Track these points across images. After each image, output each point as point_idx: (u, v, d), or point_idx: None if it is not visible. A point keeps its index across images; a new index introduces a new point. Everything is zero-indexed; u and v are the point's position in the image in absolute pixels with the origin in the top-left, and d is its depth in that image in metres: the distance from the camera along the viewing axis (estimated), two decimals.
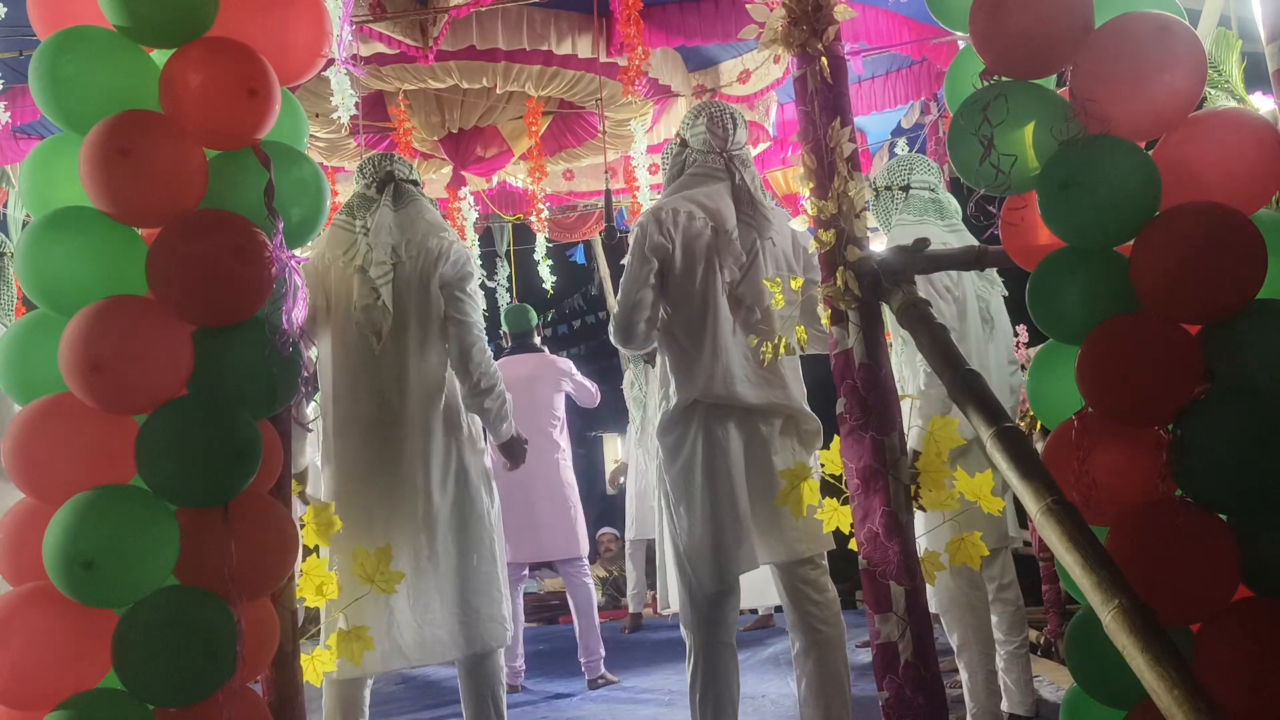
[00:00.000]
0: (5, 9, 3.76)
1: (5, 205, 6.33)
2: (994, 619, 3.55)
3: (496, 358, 5.23)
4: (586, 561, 5.32)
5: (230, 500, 1.90)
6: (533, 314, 5.65)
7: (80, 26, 1.94)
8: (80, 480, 1.83)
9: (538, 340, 5.68)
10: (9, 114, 3.74)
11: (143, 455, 1.85)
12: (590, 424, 7.43)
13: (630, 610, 7.06)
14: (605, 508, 7.42)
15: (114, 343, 1.80)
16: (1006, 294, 3.65)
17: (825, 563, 3.03)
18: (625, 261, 3.07)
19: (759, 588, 3.65)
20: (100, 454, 1.85)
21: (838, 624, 2.97)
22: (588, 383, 5.68)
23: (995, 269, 3.53)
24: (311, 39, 2.12)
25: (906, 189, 3.62)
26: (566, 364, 5.58)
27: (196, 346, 1.91)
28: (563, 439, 5.39)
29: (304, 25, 2.10)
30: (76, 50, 1.92)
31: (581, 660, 5.18)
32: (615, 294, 10.00)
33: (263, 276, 1.94)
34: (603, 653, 5.20)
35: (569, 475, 5.37)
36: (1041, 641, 4.91)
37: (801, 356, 3.13)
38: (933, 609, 3.24)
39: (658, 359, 3.14)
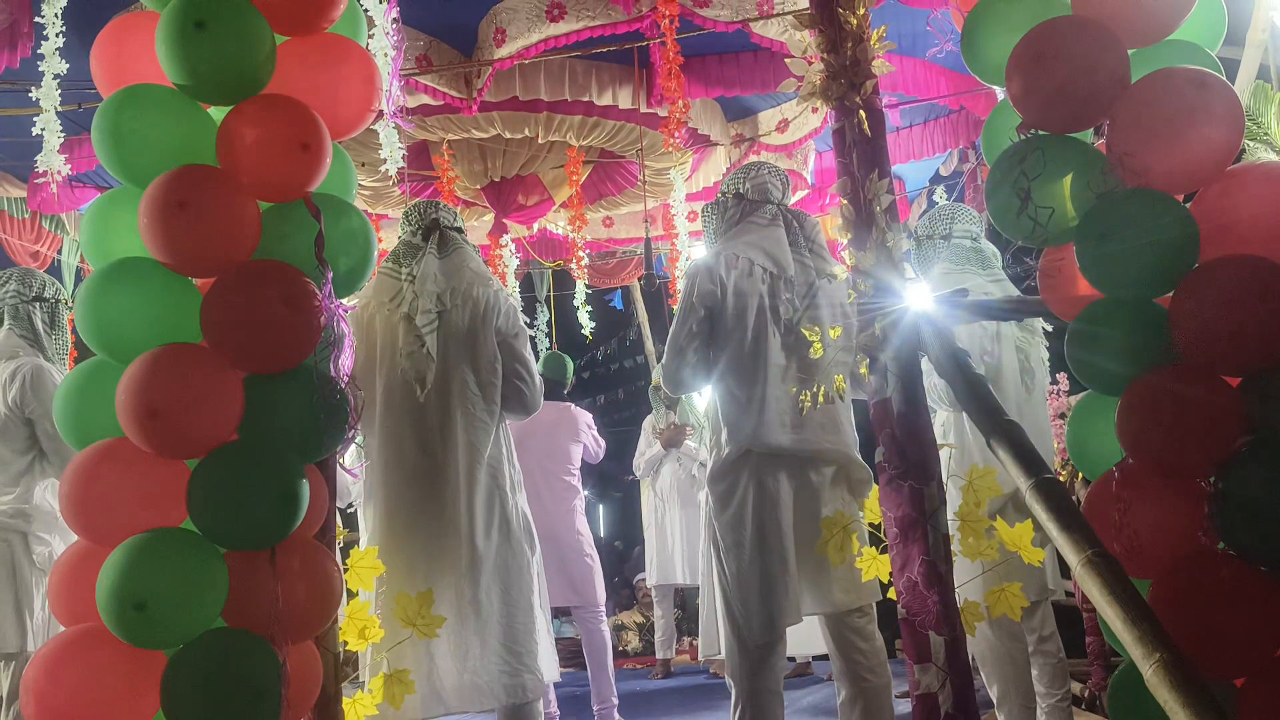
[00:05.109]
0: (67, 64, 3.89)
1: (60, 252, 6.51)
2: (1035, 671, 3.50)
3: None
4: (603, 609, 5.31)
5: (277, 544, 1.94)
6: (570, 366, 5.70)
7: (142, 85, 2.02)
8: (134, 523, 1.87)
9: (565, 390, 5.72)
10: (69, 165, 3.86)
11: (194, 499, 1.90)
12: (628, 468, 7.44)
13: (659, 657, 7.02)
14: (643, 554, 7.41)
15: (170, 389, 1.85)
16: (1049, 345, 3.63)
17: (873, 611, 3.01)
18: (676, 314, 3.11)
19: (802, 636, 3.62)
20: (153, 498, 1.90)
21: (884, 672, 2.95)
22: (601, 441, 5.75)
23: (1039, 320, 3.51)
24: (363, 94, 2.18)
25: (948, 237, 3.62)
26: (586, 416, 5.65)
27: (247, 393, 1.96)
28: (578, 485, 5.44)
29: (356, 81, 2.17)
30: (138, 107, 2.00)
31: (595, 708, 5.14)
32: (653, 339, 10.07)
33: (312, 325, 1.99)
34: (615, 700, 5.17)
35: (583, 523, 5.40)
36: (1085, 694, 4.82)
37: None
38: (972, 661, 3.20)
39: (708, 405, 3.16)
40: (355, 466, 3.12)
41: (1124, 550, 1.75)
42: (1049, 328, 3.54)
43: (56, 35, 3.88)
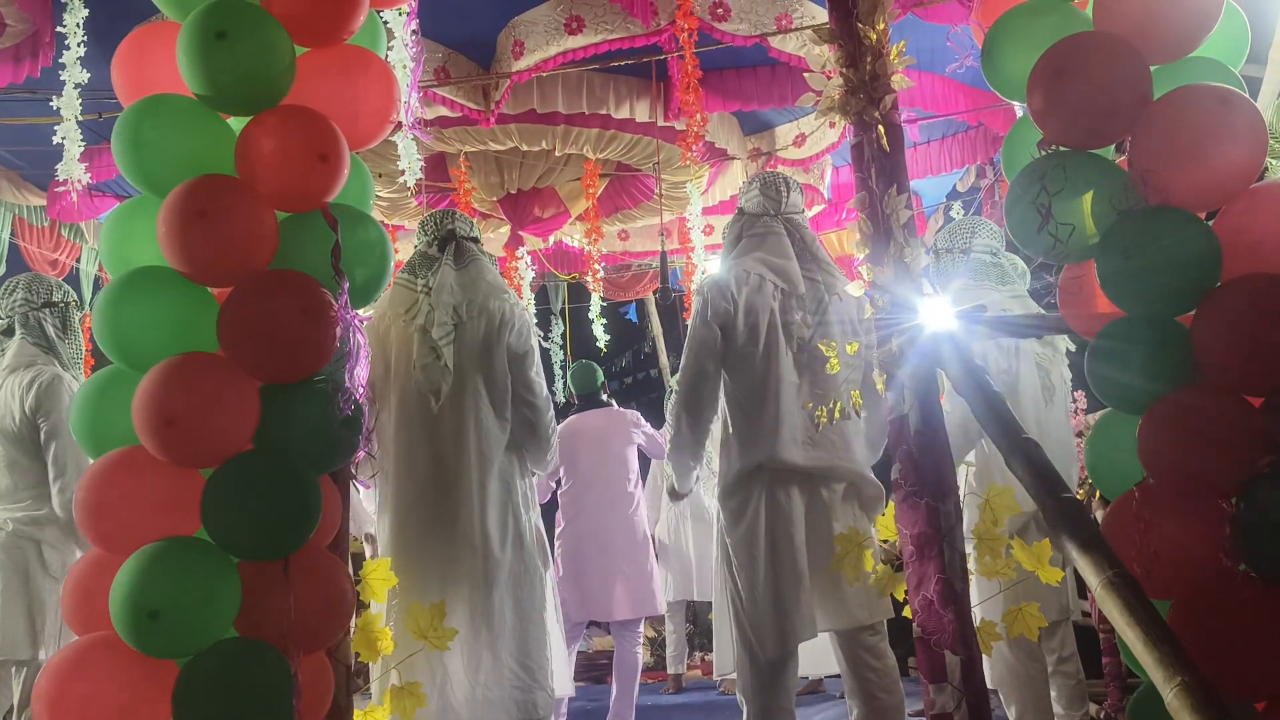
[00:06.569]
0: (88, 74, 3.92)
1: (79, 260, 6.55)
2: (1053, 692, 3.47)
3: (564, 414, 5.19)
4: (643, 626, 5.22)
5: (291, 554, 1.93)
6: (599, 372, 5.63)
7: (162, 94, 2.03)
8: (148, 532, 1.87)
9: (604, 396, 5.64)
10: (89, 174, 3.88)
11: (208, 508, 1.89)
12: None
13: (670, 672, 6.96)
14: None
15: (186, 398, 1.86)
16: (1069, 363, 3.60)
17: (884, 629, 2.99)
18: (688, 331, 3.10)
19: (815, 655, 3.59)
20: (168, 506, 1.90)
21: (896, 691, 2.93)
22: (656, 434, 5.62)
23: (1064, 338, 3.48)
24: (381, 106, 2.19)
25: (967, 252, 3.61)
26: (635, 415, 5.50)
27: (263, 402, 1.96)
28: (638, 492, 5.29)
29: (375, 93, 2.17)
30: (158, 117, 2.01)
31: None
32: (668, 352, 10.06)
33: (328, 335, 1.99)
34: None
35: (645, 533, 5.25)
36: (1102, 716, 4.78)
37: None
38: (990, 683, 3.17)
39: (720, 421, 3.14)
40: (367, 478, 3.12)
41: (1144, 571, 1.73)
42: (1072, 347, 3.52)
43: (78, 45, 3.92)
